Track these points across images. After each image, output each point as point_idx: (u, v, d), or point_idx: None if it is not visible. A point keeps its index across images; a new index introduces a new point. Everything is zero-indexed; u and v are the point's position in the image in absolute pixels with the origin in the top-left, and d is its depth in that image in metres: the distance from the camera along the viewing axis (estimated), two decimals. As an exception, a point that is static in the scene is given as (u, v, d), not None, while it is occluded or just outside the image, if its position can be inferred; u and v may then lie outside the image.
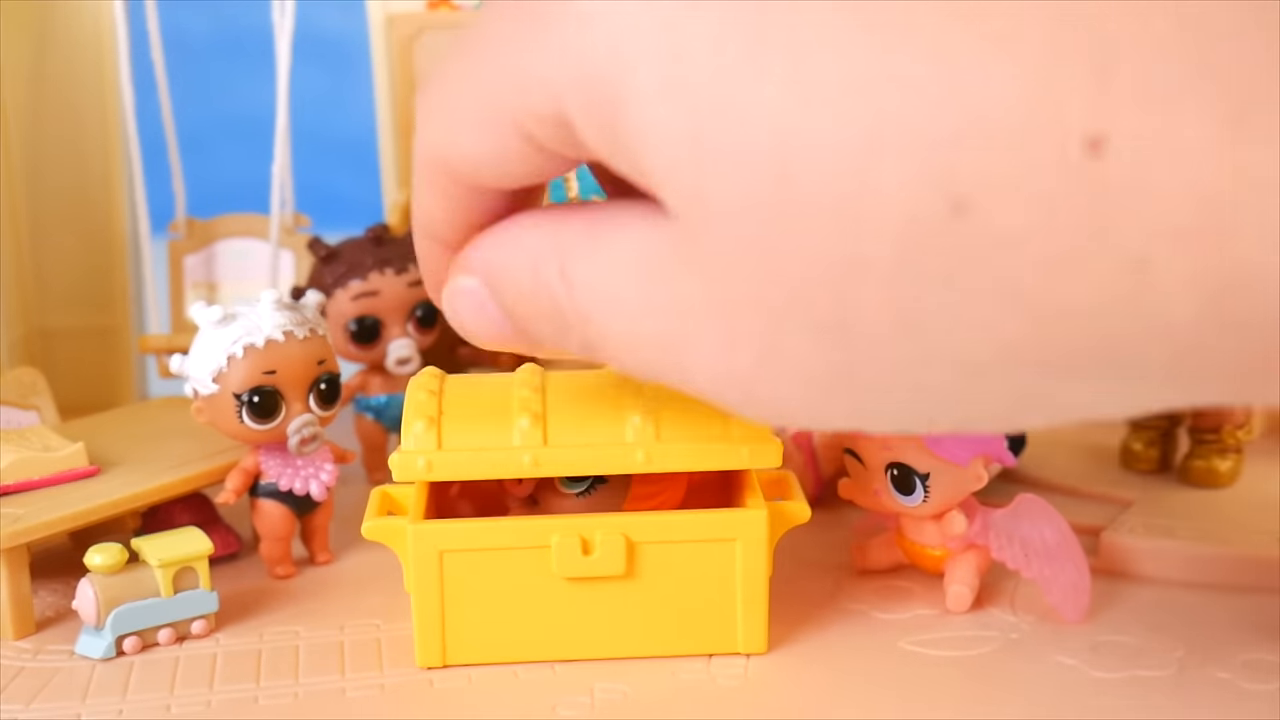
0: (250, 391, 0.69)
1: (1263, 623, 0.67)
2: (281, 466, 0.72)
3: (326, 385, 0.72)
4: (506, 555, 0.63)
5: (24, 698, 0.63)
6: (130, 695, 0.63)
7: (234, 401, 0.69)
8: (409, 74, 0.96)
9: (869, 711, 0.61)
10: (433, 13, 0.97)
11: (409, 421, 0.63)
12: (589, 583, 0.63)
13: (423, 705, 0.62)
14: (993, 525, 0.68)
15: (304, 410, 0.71)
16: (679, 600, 0.64)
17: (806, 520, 0.65)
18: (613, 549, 0.63)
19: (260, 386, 0.69)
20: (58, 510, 0.68)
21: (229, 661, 0.65)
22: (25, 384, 0.77)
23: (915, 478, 0.67)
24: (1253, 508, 0.76)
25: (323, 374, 0.71)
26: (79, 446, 0.72)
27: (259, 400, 0.69)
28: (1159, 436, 0.81)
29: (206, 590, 0.67)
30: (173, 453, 0.75)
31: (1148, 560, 0.72)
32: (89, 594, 0.65)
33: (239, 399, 0.69)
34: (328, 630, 0.68)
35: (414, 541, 0.63)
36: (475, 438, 0.63)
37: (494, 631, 0.64)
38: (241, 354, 0.69)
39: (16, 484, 0.69)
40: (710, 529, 0.64)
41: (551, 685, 0.63)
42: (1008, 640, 0.66)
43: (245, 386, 0.69)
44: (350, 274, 0.83)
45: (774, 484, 0.68)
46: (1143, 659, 0.64)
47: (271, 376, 0.70)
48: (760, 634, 0.64)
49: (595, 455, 0.63)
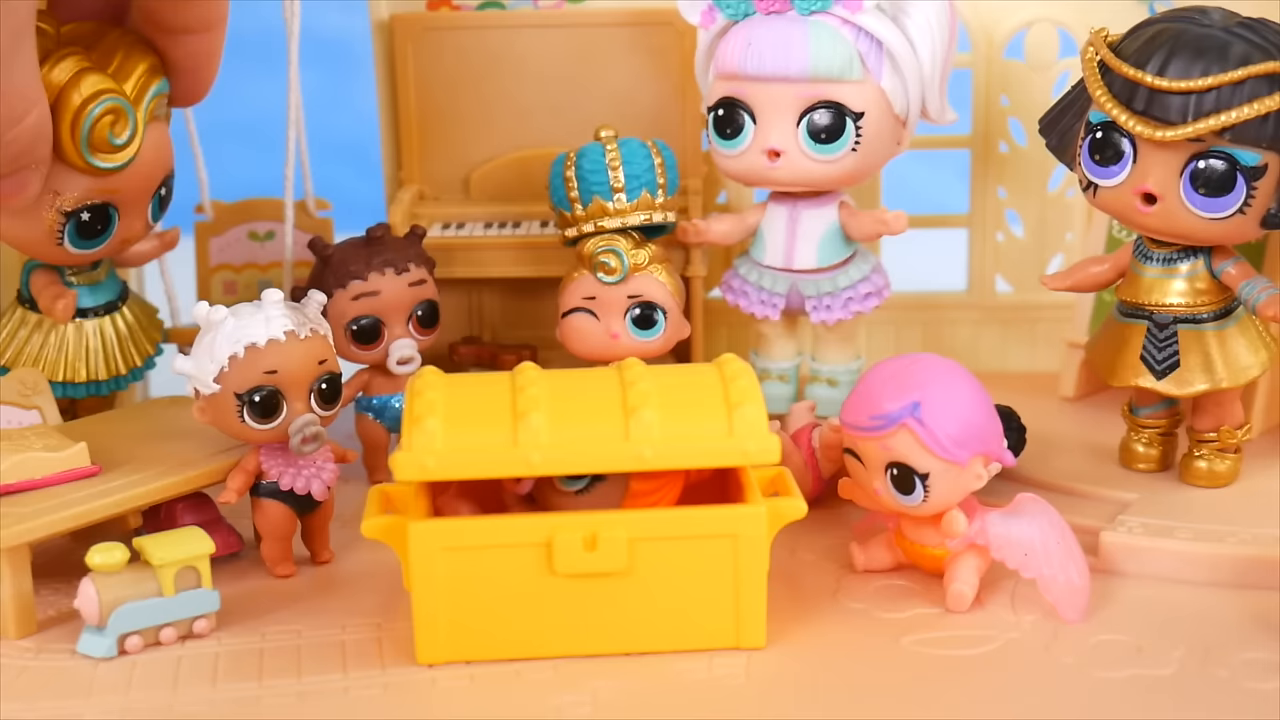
0: (251, 391, 0.69)
1: (1263, 622, 0.67)
2: (283, 466, 0.72)
3: (327, 385, 0.71)
4: (506, 552, 0.63)
5: (27, 696, 0.63)
6: (132, 694, 0.63)
7: (235, 401, 0.69)
8: (409, 74, 0.96)
9: (870, 710, 0.61)
10: (433, 13, 0.97)
11: (410, 421, 0.63)
12: (588, 579, 0.64)
13: (425, 704, 0.62)
14: (992, 525, 0.68)
15: (305, 410, 0.71)
16: (677, 596, 0.64)
17: (803, 516, 0.65)
18: (613, 546, 0.63)
19: (261, 386, 0.69)
20: (60, 510, 0.68)
21: (231, 661, 0.65)
22: (28, 384, 0.77)
23: (915, 478, 0.67)
24: (1253, 508, 0.76)
25: (324, 374, 0.71)
26: (81, 446, 0.71)
27: (260, 400, 0.69)
28: (1159, 436, 0.81)
29: (208, 589, 0.67)
30: (175, 452, 0.75)
31: (1148, 560, 0.72)
32: (90, 593, 0.65)
33: (240, 398, 0.69)
34: (329, 629, 0.68)
35: (414, 539, 0.63)
36: (477, 437, 0.63)
37: (493, 628, 0.64)
38: (243, 353, 0.69)
39: (18, 483, 0.69)
40: (709, 525, 0.64)
41: (553, 683, 0.63)
42: (1008, 640, 0.66)
43: (246, 386, 0.69)
44: (350, 274, 0.83)
45: (770, 481, 0.68)
46: (1143, 659, 0.64)
47: (273, 376, 0.69)
48: (758, 629, 0.65)
49: (598, 453, 0.63)
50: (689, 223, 0.89)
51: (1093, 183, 0.75)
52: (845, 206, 0.86)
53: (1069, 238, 1.00)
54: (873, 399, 0.68)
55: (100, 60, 0.74)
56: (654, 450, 0.63)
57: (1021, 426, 0.78)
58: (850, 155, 0.82)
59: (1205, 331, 0.76)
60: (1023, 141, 0.99)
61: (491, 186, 0.97)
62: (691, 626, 0.65)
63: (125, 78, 0.74)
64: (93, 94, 0.72)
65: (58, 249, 0.77)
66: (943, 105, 0.85)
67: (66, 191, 0.74)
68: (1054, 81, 0.97)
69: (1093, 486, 0.80)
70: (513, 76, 0.96)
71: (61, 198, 0.75)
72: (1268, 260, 0.85)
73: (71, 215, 0.75)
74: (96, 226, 0.77)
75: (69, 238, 0.76)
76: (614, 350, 0.83)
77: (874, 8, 0.81)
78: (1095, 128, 0.74)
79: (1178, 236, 0.75)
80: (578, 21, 0.96)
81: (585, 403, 0.64)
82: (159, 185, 0.79)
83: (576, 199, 0.83)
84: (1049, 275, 0.82)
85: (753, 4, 0.82)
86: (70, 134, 0.72)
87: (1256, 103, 0.69)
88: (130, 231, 0.79)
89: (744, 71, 0.82)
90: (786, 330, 0.89)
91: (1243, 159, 0.71)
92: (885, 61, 0.82)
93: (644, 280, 0.83)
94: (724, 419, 0.63)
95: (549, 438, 0.63)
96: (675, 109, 0.96)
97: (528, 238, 0.93)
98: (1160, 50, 0.71)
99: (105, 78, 0.73)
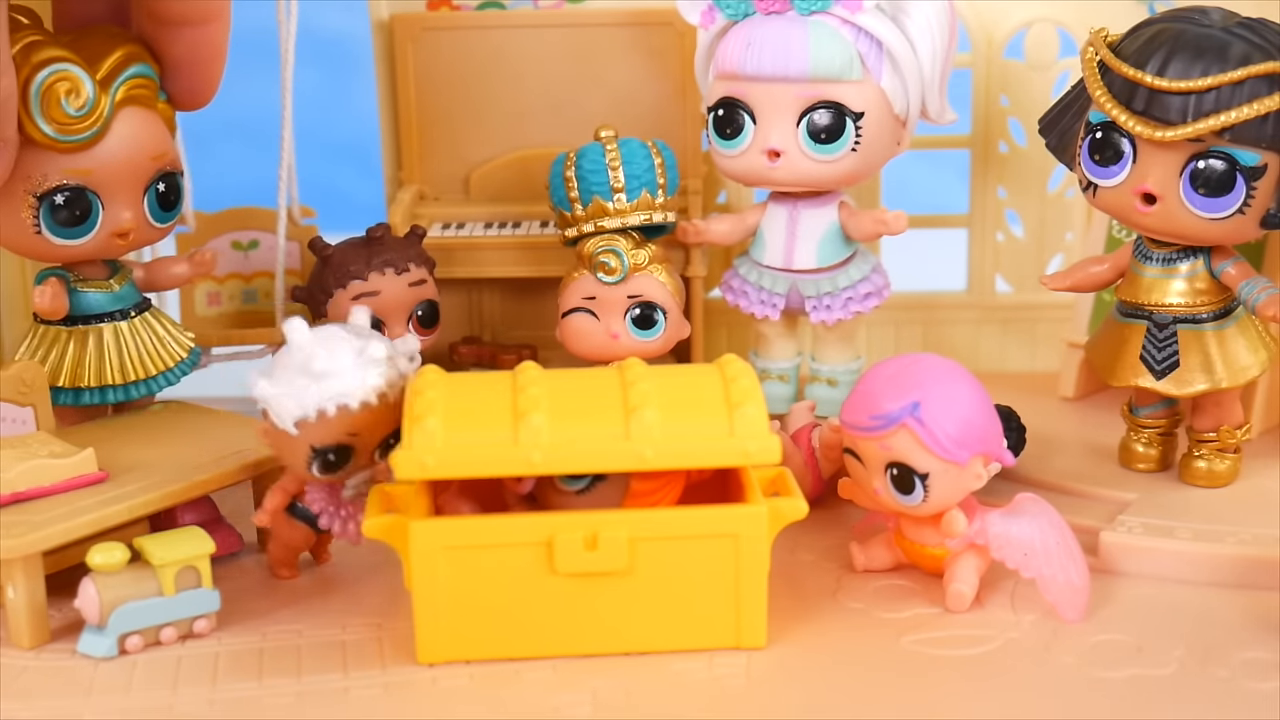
0: (329, 449, 0.67)
1: (1263, 622, 0.67)
2: (325, 502, 0.70)
3: (395, 441, 0.67)
4: (507, 552, 0.63)
5: (27, 697, 0.63)
6: (133, 694, 0.63)
7: (310, 451, 0.67)
8: (409, 74, 0.96)
9: (869, 710, 0.61)
10: (433, 13, 0.97)
11: (411, 420, 0.63)
12: (589, 579, 0.64)
13: (425, 704, 0.62)
14: (992, 525, 0.68)
15: (369, 464, 0.69)
16: (678, 596, 0.64)
17: (804, 517, 0.65)
18: (615, 545, 0.63)
19: (341, 445, 0.67)
20: (72, 518, 0.67)
21: (231, 661, 0.66)
22: (26, 380, 0.76)
23: (915, 477, 0.67)
24: (1253, 508, 0.76)
25: (394, 431, 0.67)
26: (88, 452, 0.70)
27: (334, 459, 0.67)
28: (1159, 436, 0.81)
29: (209, 589, 0.67)
30: (181, 456, 0.74)
31: (1148, 560, 0.72)
32: (91, 593, 0.65)
33: (315, 451, 0.67)
34: (329, 629, 0.68)
35: (415, 538, 0.63)
36: (479, 436, 0.63)
37: (494, 627, 0.64)
38: (333, 412, 0.66)
39: (26, 491, 0.68)
40: (711, 525, 0.64)
41: (553, 683, 0.63)
42: (1007, 640, 0.66)
43: (327, 443, 0.67)
44: (350, 274, 0.83)
45: (770, 481, 0.68)
46: (1143, 658, 0.64)
47: (354, 438, 0.67)
48: (759, 629, 0.65)
49: (599, 452, 0.63)
50: (689, 223, 0.89)
51: (1092, 183, 0.75)
52: (845, 206, 0.86)
53: (1069, 238, 1.00)
54: (873, 399, 0.68)
55: (72, 44, 0.74)
56: (655, 450, 0.63)
57: (1021, 426, 0.78)
58: (850, 155, 0.82)
59: (1205, 331, 0.76)
60: (1023, 141, 0.99)
61: (491, 186, 0.97)
62: (692, 626, 0.65)
63: (97, 58, 0.74)
64: (42, 60, 0.72)
65: (38, 239, 0.75)
66: (943, 105, 0.85)
67: (35, 172, 0.74)
68: (1054, 81, 0.97)
69: (1092, 486, 0.80)
70: (513, 76, 0.96)
71: (31, 180, 0.74)
72: (1268, 260, 0.85)
73: (44, 199, 0.74)
74: (75, 212, 0.75)
75: (45, 224, 0.75)
76: (614, 350, 0.83)
77: (874, 8, 0.81)
78: (1095, 128, 0.74)
79: (1177, 236, 0.75)
80: (578, 21, 0.96)
81: (586, 402, 0.64)
82: (151, 176, 0.78)
83: (576, 199, 0.83)
84: (1048, 275, 0.82)
85: (753, 4, 0.82)
86: (21, 100, 0.71)
87: (1256, 103, 0.69)
88: (119, 222, 0.77)
89: (744, 72, 0.82)
90: (786, 330, 0.89)
91: (1242, 159, 0.71)
92: (885, 61, 0.82)
93: (644, 280, 0.83)
94: (725, 419, 0.63)
95: (550, 437, 0.63)
96: (675, 109, 0.96)
97: (528, 238, 0.93)
98: (1160, 50, 0.71)
99: (59, 48, 0.73)
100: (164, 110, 0.79)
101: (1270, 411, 0.87)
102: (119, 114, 0.75)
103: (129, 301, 0.81)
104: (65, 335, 0.79)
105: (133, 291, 0.82)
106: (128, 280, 0.81)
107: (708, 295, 0.96)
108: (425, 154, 0.98)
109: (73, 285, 0.79)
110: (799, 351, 0.90)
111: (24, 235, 0.76)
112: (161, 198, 0.79)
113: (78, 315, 0.80)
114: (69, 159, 0.74)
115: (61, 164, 0.74)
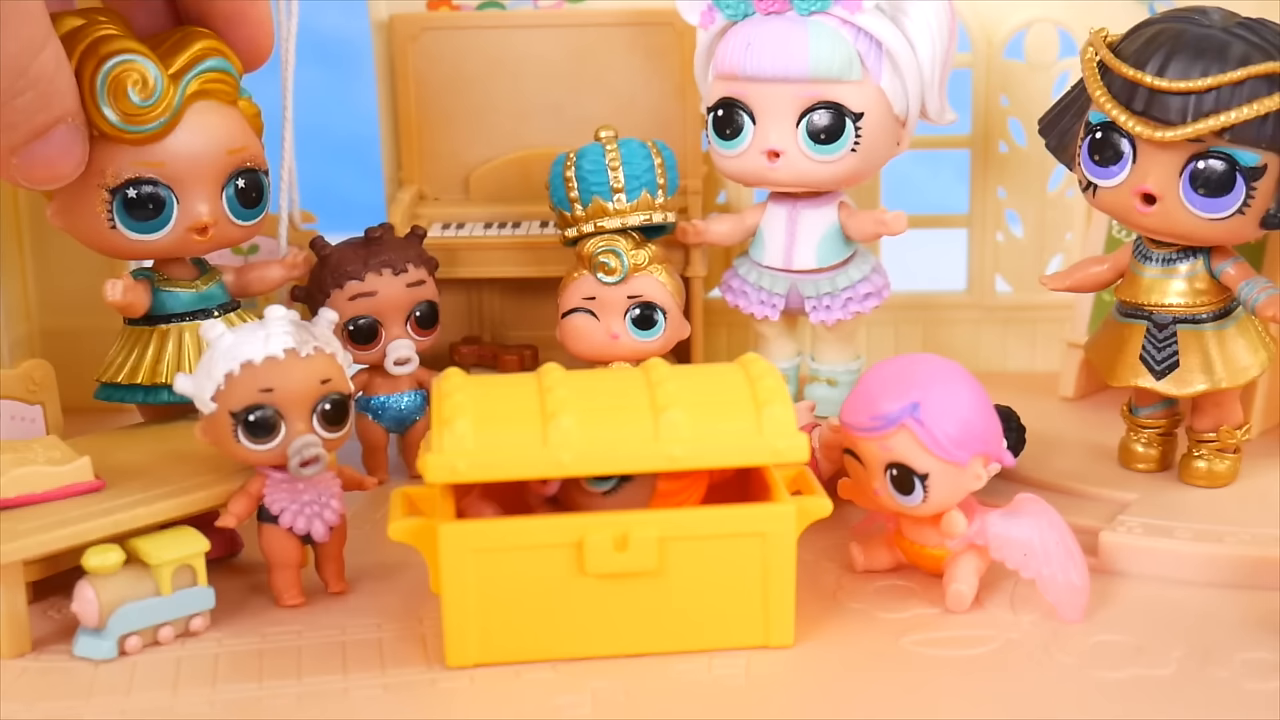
0: (246, 410, 0.66)
1: (1262, 622, 0.67)
2: (286, 500, 0.69)
3: (332, 406, 0.68)
4: (537, 553, 0.63)
5: (26, 697, 0.63)
6: (133, 695, 0.63)
7: (230, 420, 0.67)
8: (409, 74, 0.96)
9: (869, 710, 0.61)
10: (433, 13, 0.97)
11: (440, 423, 0.63)
12: (617, 580, 0.64)
13: (425, 705, 0.62)
14: (992, 525, 0.68)
15: (306, 431, 0.68)
16: (706, 596, 0.64)
17: (828, 515, 0.65)
18: (644, 545, 0.63)
19: (257, 405, 0.66)
20: (57, 528, 0.66)
21: (231, 661, 0.65)
22: (34, 379, 0.76)
23: (914, 478, 0.67)
24: (1252, 508, 0.76)
25: (327, 394, 0.68)
26: (84, 461, 0.70)
27: (255, 419, 0.66)
28: (1158, 436, 0.81)
29: (204, 587, 0.67)
30: (184, 472, 0.72)
31: (1147, 560, 0.72)
32: (89, 596, 0.65)
33: (235, 417, 0.66)
34: (329, 630, 0.68)
35: (444, 542, 0.63)
36: (507, 438, 0.63)
37: (522, 630, 0.64)
38: (239, 371, 0.66)
39: (18, 498, 0.68)
40: (739, 524, 0.64)
41: (553, 683, 0.63)
42: (1007, 640, 0.66)
43: (242, 405, 0.66)
44: (347, 274, 0.83)
45: (791, 480, 0.68)
46: (1142, 658, 0.64)
47: (269, 395, 0.66)
48: (787, 627, 0.65)
49: (629, 453, 0.63)
50: (689, 223, 0.89)
51: (1092, 183, 0.75)
52: (845, 207, 0.86)
53: (1069, 238, 1.00)
54: (872, 399, 0.68)
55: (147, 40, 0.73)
56: (684, 449, 0.63)
57: (1021, 426, 0.78)
58: (850, 156, 0.82)
59: (1204, 332, 0.76)
60: (1022, 141, 0.99)
61: (491, 187, 0.97)
62: (720, 625, 0.65)
63: (173, 53, 0.73)
64: (110, 51, 0.71)
65: (113, 234, 0.74)
66: (942, 105, 0.85)
67: (109, 167, 0.73)
68: (1054, 81, 0.97)
69: (1092, 486, 0.80)
70: (512, 76, 0.96)
71: (105, 174, 0.73)
72: (1267, 260, 0.85)
73: (117, 192, 0.73)
74: (148, 206, 0.74)
75: (119, 218, 0.74)
76: (614, 351, 0.83)
77: (873, 8, 0.81)
78: (1095, 128, 0.74)
79: (1177, 237, 0.75)
80: (578, 21, 0.96)
81: (613, 403, 0.64)
82: (228, 172, 0.76)
83: (576, 199, 0.83)
84: (1048, 275, 0.82)
85: (752, 4, 0.82)
86: (89, 89, 0.71)
87: (1256, 103, 0.69)
88: (195, 217, 0.75)
89: (743, 72, 0.82)
90: (786, 330, 0.89)
91: (1242, 159, 0.71)
92: (885, 62, 0.82)
93: (644, 280, 0.83)
94: (753, 418, 0.63)
95: (579, 438, 0.62)
96: (675, 109, 0.96)
97: (528, 238, 0.93)
98: (1160, 50, 0.71)
99: (127, 40, 0.72)
100: (245, 107, 0.77)
101: (1270, 411, 0.87)
102: (191, 106, 0.74)
103: (214, 302, 0.80)
104: (149, 334, 0.78)
105: (220, 292, 0.80)
106: (216, 281, 0.80)
107: (707, 295, 0.96)
108: (425, 154, 0.98)
109: (157, 285, 0.78)
110: (799, 352, 0.90)
111: (99, 231, 0.75)
112: (241, 194, 0.77)
113: (159, 315, 0.79)
114: (140, 151, 0.73)
115: (133, 157, 0.73)
